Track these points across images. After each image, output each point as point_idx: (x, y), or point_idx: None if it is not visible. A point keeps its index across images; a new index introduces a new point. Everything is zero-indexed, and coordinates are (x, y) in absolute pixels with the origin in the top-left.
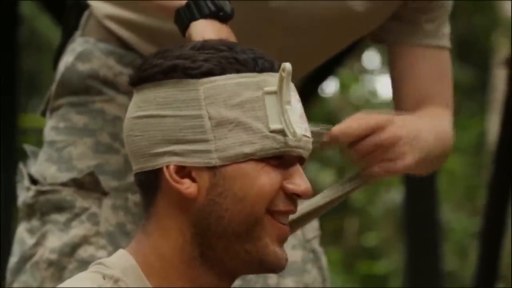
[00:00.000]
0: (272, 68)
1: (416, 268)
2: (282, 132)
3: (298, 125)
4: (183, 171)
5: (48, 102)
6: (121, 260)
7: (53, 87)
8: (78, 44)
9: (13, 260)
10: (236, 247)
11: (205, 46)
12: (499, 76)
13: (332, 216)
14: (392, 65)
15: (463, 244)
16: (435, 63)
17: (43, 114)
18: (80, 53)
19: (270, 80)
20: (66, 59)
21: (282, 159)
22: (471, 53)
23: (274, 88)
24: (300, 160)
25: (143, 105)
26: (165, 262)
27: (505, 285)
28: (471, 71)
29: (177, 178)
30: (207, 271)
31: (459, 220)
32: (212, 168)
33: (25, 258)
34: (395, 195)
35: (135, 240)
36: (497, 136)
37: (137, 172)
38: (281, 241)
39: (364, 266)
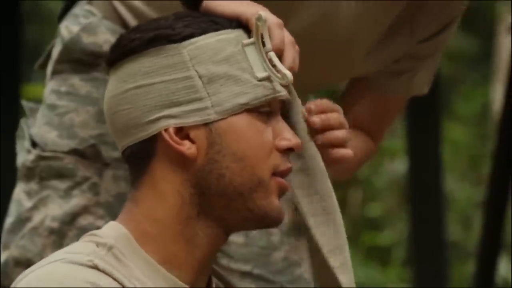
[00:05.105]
0: (246, 24)
1: (420, 238)
2: (268, 78)
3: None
4: (181, 133)
5: (48, 56)
6: (112, 230)
7: (56, 50)
8: (82, 13)
9: (9, 220)
10: (237, 205)
11: (180, 15)
12: (503, 45)
13: (336, 187)
14: (348, 91)
15: (467, 214)
16: (389, 108)
17: (42, 67)
18: (86, 25)
19: (245, 34)
20: (70, 26)
21: (269, 111)
22: (475, 22)
23: (251, 39)
24: (282, 107)
25: (127, 78)
26: (160, 226)
27: (509, 255)
28: (475, 41)
29: (177, 139)
30: (203, 229)
31: (463, 190)
32: (208, 126)
33: (21, 220)
34: (399, 166)
35: (124, 210)
36: (501, 106)
37: (127, 146)
38: (282, 195)
39: (368, 236)
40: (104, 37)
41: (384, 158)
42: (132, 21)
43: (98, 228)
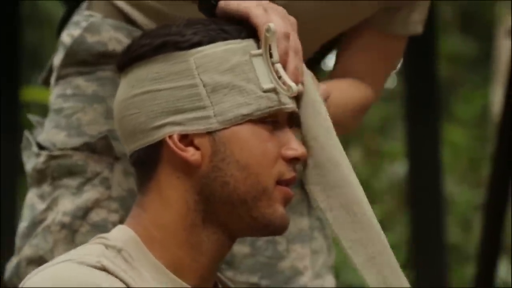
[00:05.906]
0: (255, 34)
1: (420, 241)
2: (274, 90)
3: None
4: (186, 140)
5: (50, 71)
6: (121, 233)
7: (59, 57)
8: (83, 18)
9: (23, 225)
10: (242, 213)
11: (191, 22)
12: (503, 47)
13: None
14: (346, 41)
15: (467, 216)
16: (388, 49)
17: (45, 82)
18: (89, 26)
19: (254, 44)
20: (72, 32)
21: (275, 121)
22: (474, 25)
23: (259, 50)
24: (290, 119)
25: (136, 83)
26: (166, 232)
27: (509, 257)
28: (474, 43)
29: (182, 146)
30: (209, 236)
31: (462, 192)
32: (212, 135)
33: (35, 223)
34: (398, 168)
35: (132, 215)
36: (501, 108)
37: (134, 150)
38: (287, 203)
39: None
40: (108, 35)
41: (384, 160)
42: (135, 14)
43: (111, 223)
